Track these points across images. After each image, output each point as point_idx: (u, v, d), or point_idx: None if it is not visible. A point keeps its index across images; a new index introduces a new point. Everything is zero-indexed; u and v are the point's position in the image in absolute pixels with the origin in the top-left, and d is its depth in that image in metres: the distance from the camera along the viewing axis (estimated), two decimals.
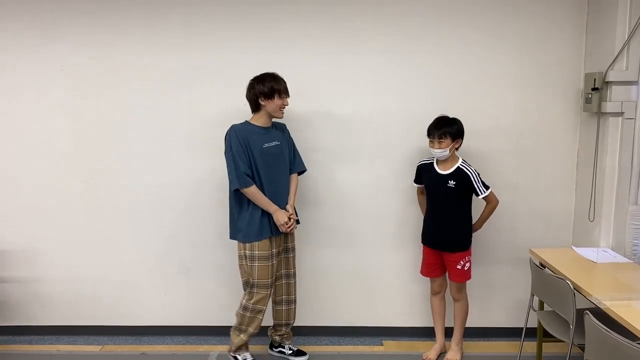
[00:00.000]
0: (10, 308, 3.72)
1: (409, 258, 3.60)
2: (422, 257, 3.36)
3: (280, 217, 3.03)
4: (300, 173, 3.31)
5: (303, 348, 3.54)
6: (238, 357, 3.28)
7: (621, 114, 3.11)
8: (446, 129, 3.05)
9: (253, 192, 2.99)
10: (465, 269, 3.20)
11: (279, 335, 3.43)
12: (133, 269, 3.65)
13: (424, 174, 3.25)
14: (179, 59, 3.43)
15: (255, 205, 3.03)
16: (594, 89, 3.15)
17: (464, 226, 3.20)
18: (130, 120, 3.50)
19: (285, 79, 3.00)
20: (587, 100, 3.24)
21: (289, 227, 3.08)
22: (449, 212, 3.16)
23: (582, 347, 2.46)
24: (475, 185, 3.09)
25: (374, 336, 3.69)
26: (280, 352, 3.45)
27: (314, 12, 3.38)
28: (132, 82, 3.46)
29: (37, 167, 3.56)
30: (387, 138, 3.49)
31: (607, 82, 3.12)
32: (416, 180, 3.33)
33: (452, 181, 3.09)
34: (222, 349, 3.49)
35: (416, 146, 3.47)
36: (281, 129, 3.22)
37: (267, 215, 3.06)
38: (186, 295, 3.68)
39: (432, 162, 3.20)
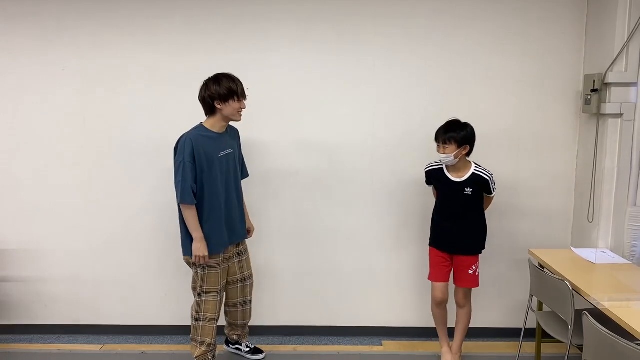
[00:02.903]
0: (12, 307, 3.73)
1: (409, 259, 3.61)
2: (429, 261, 3.28)
3: (199, 249, 2.87)
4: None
5: (302, 348, 3.55)
6: None
7: (620, 115, 3.12)
8: (452, 134, 2.96)
9: (190, 212, 2.86)
10: (477, 274, 3.16)
11: (236, 334, 3.40)
12: (134, 268, 3.67)
13: (435, 179, 3.19)
14: (180, 60, 3.44)
15: (214, 219, 2.92)
16: (594, 91, 3.16)
17: (480, 228, 3.16)
18: (132, 121, 3.51)
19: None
20: (587, 102, 3.25)
21: (201, 259, 2.90)
22: (466, 216, 3.10)
23: (580, 348, 2.47)
24: (492, 187, 3.07)
25: (374, 336, 3.70)
26: (236, 349, 3.44)
27: (313, 13, 3.39)
28: (134, 82, 3.47)
29: (39, 167, 3.57)
30: (386, 139, 3.50)
31: (606, 84, 3.12)
32: (427, 183, 3.28)
33: (469, 188, 3.04)
34: (221, 348, 3.50)
35: (417, 147, 3.48)
36: (233, 133, 3.12)
37: (225, 227, 2.98)
38: (186, 295, 3.67)
39: (442, 167, 3.12)
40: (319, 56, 3.43)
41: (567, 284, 2.64)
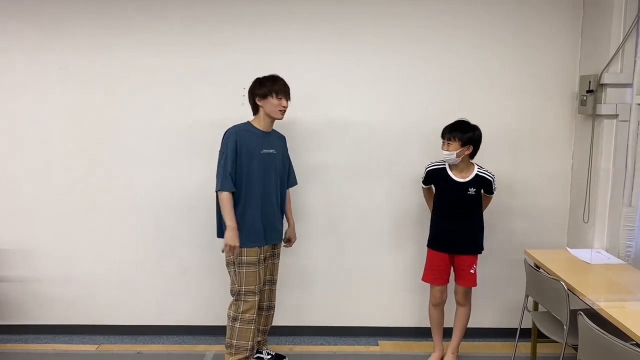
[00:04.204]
0: (8, 307, 3.72)
1: (405, 259, 3.61)
2: (425, 262, 3.28)
3: (231, 238, 2.88)
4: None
5: (298, 348, 3.55)
6: None
7: (616, 116, 3.13)
8: (457, 132, 3.00)
9: (226, 198, 2.90)
10: (476, 274, 3.18)
11: (256, 341, 3.29)
12: (130, 268, 3.66)
13: (437, 179, 3.19)
14: (178, 60, 3.44)
15: (251, 210, 2.97)
16: (589, 92, 3.17)
17: (481, 227, 3.19)
18: (129, 121, 3.51)
19: (283, 80, 2.99)
20: (582, 103, 3.26)
21: (232, 248, 2.90)
22: (468, 216, 3.13)
23: (575, 348, 2.47)
24: (493, 187, 3.12)
25: (370, 336, 3.71)
26: (258, 357, 3.35)
27: (313, 13, 3.40)
28: (132, 82, 3.47)
29: (35, 166, 3.56)
30: (385, 139, 3.51)
31: (601, 85, 3.14)
32: (425, 182, 3.27)
33: (472, 189, 3.07)
34: (218, 348, 3.49)
35: (414, 147, 3.49)
36: (280, 139, 3.17)
37: (261, 222, 3.00)
38: (183, 295, 3.69)
39: (444, 167, 3.14)
40: (318, 56, 3.44)
41: (563, 284, 2.64)
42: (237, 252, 2.94)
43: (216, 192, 2.96)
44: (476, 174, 3.09)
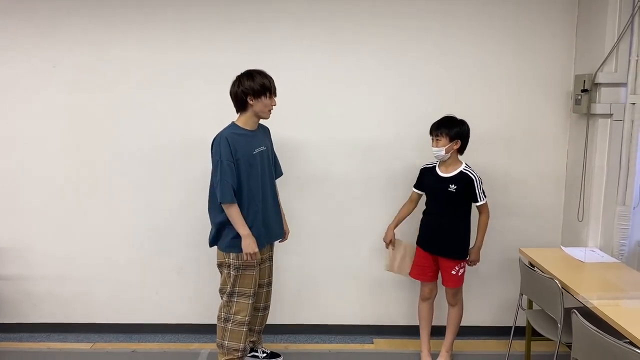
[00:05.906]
0: (1, 305, 3.70)
1: None
2: (414, 258, 3.31)
3: (250, 245, 2.80)
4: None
5: (294, 347, 3.55)
6: None
7: (610, 115, 3.14)
8: (444, 128, 3.01)
9: (233, 210, 2.79)
10: (459, 274, 3.16)
11: (251, 341, 3.29)
12: (125, 267, 3.65)
13: (426, 177, 3.19)
14: (173, 58, 3.43)
15: (254, 215, 2.88)
16: (584, 91, 3.18)
17: (462, 233, 3.14)
18: (124, 119, 3.50)
19: (277, 78, 2.97)
20: (577, 102, 3.27)
21: (251, 256, 2.83)
22: (448, 216, 3.11)
23: (569, 346, 2.49)
24: (477, 191, 3.06)
25: (365, 334, 3.71)
26: (253, 356, 3.34)
27: (308, 11, 3.39)
28: (126, 80, 3.45)
29: (29, 165, 3.54)
30: (380, 138, 3.51)
31: (596, 84, 3.15)
32: (416, 185, 3.27)
33: (453, 185, 3.05)
34: (213, 347, 3.47)
35: (409, 147, 3.49)
36: (265, 131, 3.09)
37: (262, 224, 2.93)
38: (178, 294, 3.68)
39: (435, 166, 3.16)
40: (315, 56, 3.43)
41: (557, 282, 2.66)
42: (257, 257, 2.86)
43: (220, 204, 2.82)
44: (460, 171, 3.07)
